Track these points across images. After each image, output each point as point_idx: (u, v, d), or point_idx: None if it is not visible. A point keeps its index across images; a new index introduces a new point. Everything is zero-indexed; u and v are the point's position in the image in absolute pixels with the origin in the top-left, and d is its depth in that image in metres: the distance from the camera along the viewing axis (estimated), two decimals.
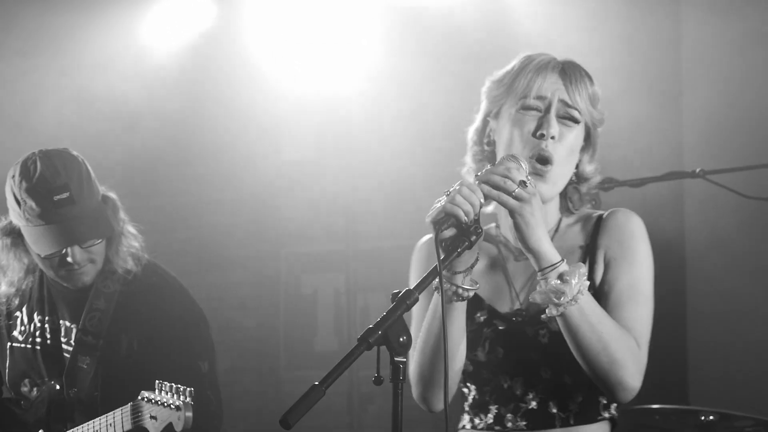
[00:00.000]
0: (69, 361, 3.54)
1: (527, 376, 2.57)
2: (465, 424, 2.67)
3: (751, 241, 5.41)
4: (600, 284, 2.58)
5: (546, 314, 2.45)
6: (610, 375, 2.46)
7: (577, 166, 2.65)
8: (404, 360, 2.17)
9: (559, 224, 2.68)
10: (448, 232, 2.34)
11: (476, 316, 2.58)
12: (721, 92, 5.51)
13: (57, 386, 3.54)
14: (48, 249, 3.43)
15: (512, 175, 2.38)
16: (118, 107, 6.35)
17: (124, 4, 6.36)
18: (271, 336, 6.79)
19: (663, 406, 4.38)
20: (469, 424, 2.66)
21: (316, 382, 2.10)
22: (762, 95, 5.43)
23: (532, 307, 2.56)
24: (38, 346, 3.63)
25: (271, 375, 6.75)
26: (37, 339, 3.64)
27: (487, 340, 2.58)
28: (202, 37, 6.47)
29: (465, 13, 5.89)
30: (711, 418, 4.20)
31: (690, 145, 5.61)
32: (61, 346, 3.60)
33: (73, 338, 3.57)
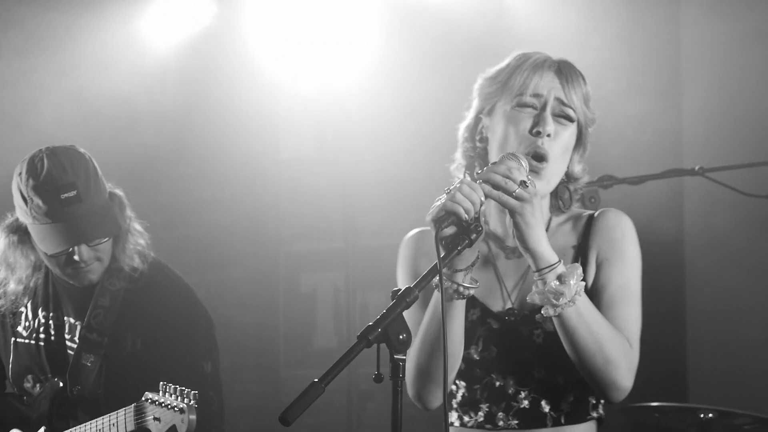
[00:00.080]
0: (73, 359, 3.54)
1: (520, 375, 2.57)
2: (453, 421, 2.67)
3: (750, 239, 5.42)
4: (592, 284, 2.59)
5: (542, 314, 2.45)
6: (604, 375, 2.47)
7: (567, 165, 2.64)
8: (404, 358, 2.17)
9: (549, 223, 2.68)
10: (449, 230, 2.34)
11: (468, 314, 2.58)
12: (721, 90, 5.51)
13: (60, 383, 3.54)
14: (55, 248, 3.42)
15: (513, 175, 2.38)
16: (117, 106, 6.34)
17: (123, 3, 6.36)
18: (271, 334, 6.79)
19: (662, 404, 4.38)
20: (457, 422, 2.65)
21: (316, 379, 2.10)
22: (761, 93, 5.43)
23: (525, 307, 2.57)
24: (42, 342, 3.63)
25: (271, 373, 6.74)
26: (41, 335, 3.63)
27: (481, 339, 2.59)
28: (202, 36, 6.46)
29: (463, 12, 5.89)
30: (710, 415, 4.21)
31: (689, 143, 5.61)
32: (65, 342, 3.60)
33: (77, 335, 3.56)
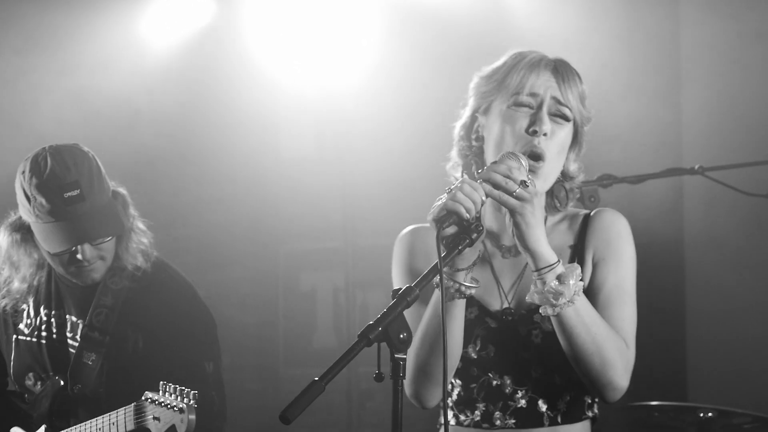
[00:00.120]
0: (74, 357, 3.53)
1: (517, 374, 2.57)
2: (448, 419, 2.66)
3: (749, 238, 5.42)
4: (588, 284, 2.59)
5: (540, 313, 2.45)
6: (601, 375, 2.48)
7: (564, 164, 2.64)
8: (404, 357, 2.17)
9: (545, 222, 2.68)
10: (450, 230, 2.34)
11: (466, 313, 2.57)
12: (720, 89, 5.51)
13: (61, 382, 3.54)
14: (58, 246, 3.42)
15: (514, 175, 2.38)
16: (117, 105, 6.34)
17: (123, 2, 6.36)
18: (270, 333, 6.79)
19: (662, 403, 4.38)
20: (453, 420, 2.65)
21: (316, 378, 2.10)
22: (761, 92, 5.43)
23: (522, 306, 2.58)
24: (44, 340, 3.62)
25: (270, 372, 6.74)
26: (43, 333, 3.63)
27: (479, 338, 2.58)
28: (202, 35, 6.46)
29: (463, 11, 5.89)
30: (710, 414, 4.20)
31: (689, 142, 5.62)
32: (67, 341, 3.59)
33: (78, 334, 3.56)
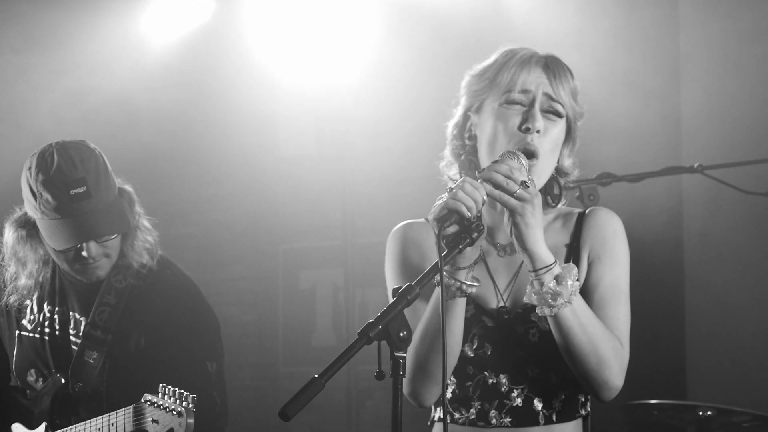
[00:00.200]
0: (76, 355, 3.52)
1: (513, 373, 2.57)
2: (441, 416, 2.65)
3: (749, 236, 5.42)
4: (583, 283, 2.59)
5: (537, 313, 2.45)
6: (597, 375, 2.48)
7: (558, 160, 2.64)
8: (404, 355, 2.17)
9: None
10: (451, 229, 2.34)
11: None
12: (720, 88, 5.51)
13: (62, 380, 3.53)
14: (63, 244, 3.41)
15: (515, 176, 2.38)
16: (117, 104, 6.34)
17: (123, 1, 6.36)
18: (270, 331, 6.80)
19: (661, 402, 4.38)
20: (447, 418, 2.63)
21: (316, 375, 2.10)
22: (760, 91, 5.43)
23: (517, 305, 2.58)
24: (46, 337, 3.61)
25: (270, 370, 6.75)
26: (46, 329, 3.62)
27: (476, 336, 2.58)
28: (201, 34, 6.47)
29: (462, 9, 5.89)
30: (709, 413, 4.21)
31: (688, 141, 5.62)
32: (69, 338, 3.58)
33: (81, 331, 3.55)
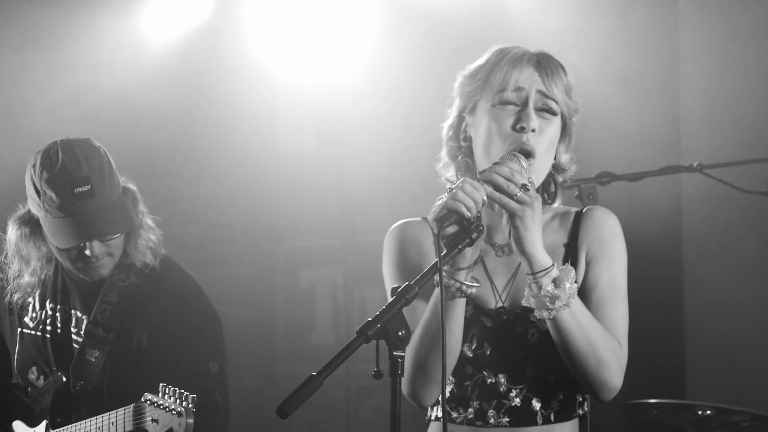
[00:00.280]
0: (77, 354, 3.52)
1: (512, 373, 2.57)
2: (440, 416, 2.64)
3: (748, 235, 5.42)
4: (582, 283, 2.59)
5: (535, 315, 2.45)
6: (596, 376, 2.48)
7: (555, 157, 2.63)
8: (403, 354, 2.17)
9: None
10: (451, 229, 2.34)
11: None
12: (719, 87, 5.51)
13: (63, 378, 3.53)
14: (66, 242, 3.40)
15: (515, 178, 2.37)
16: (116, 102, 6.34)
17: (122, 0, 6.36)
18: (269, 330, 6.80)
19: (660, 401, 4.39)
20: (446, 417, 2.62)
21: (314, 373, 2.10)
22: (759, 89, 5.43)
23: (515, 306, 2.57)
24: (48, 335, 3.61)
25: (269, 369, 6.75)
26: (48, 327, 3.61)
27: (475, 337, 2.58)
28: (200, 32, 6.46)
29: (461, 6, 5.88)
30: (708, 412, 4.21)
31: (687, 140, 5.62)
32: (71, 336, 3.58)
33: (83, 329, 3.55)
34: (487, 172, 2.40)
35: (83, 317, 3.57)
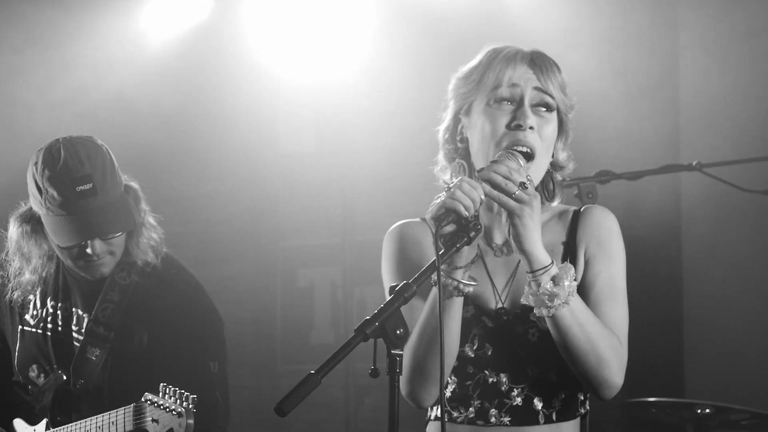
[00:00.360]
0: (78, 352, 3.52)
1: (514, 372, 2.57)
2: (438, 414, 2.64)
3: (747, 234, 5.42)
4: (581, 281, 2.59)
5: (535, 314, 2.45)
6: (597, 374, 2.48)
7: (552, 155, 2.63)
8: (401, 353, 2.17)
9: None
10: (449, 228, 2.34)
11: (463, 312, 2.55)
12: (718, 85, 5.52)
13: (64, 376, 3.53)
14: (68, 241, 3.40)
15: (513, 177, 2.37)
16: (116, 101, 6.34)
17: None
18: (268, 329, 6.80)
19: (659, 399, 4.39)
20: (445, 417, 2.61)
21: (312, 371, 2.10)
22: (758, 88, 5.43)
23: (515, 306, 2.57)
24: (49, 332, 3.60)
25: (268, 368, 6.75)
26: (49, 325, 3.61)
27: (476, 337, 2.58)
28: (200, 31, 6.46)
29: (460, 5, 5.88)
30: (707, 411, 4.22)
31: (687, 138, 5.62)
32: (72, 334, 3.58)
33: (84, 328, 3.55)
34: (485, 170, 2.40)
35: (84, 315, 3.57)
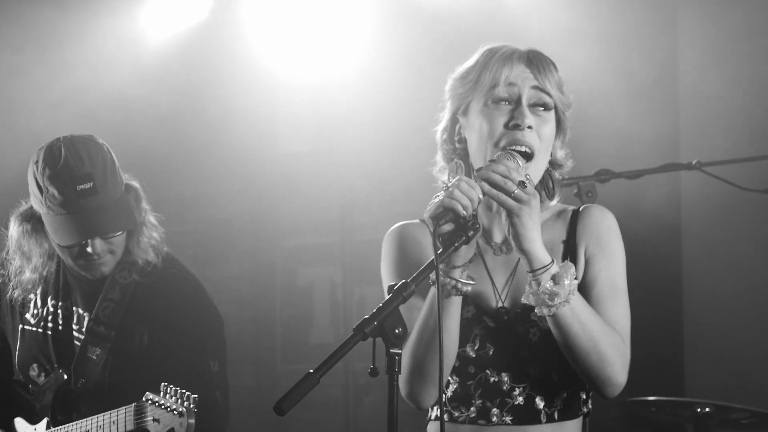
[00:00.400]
0: (78, 351, 3.52)
1: (515, 372, 2.57)
2: (438, 414, 2.63)
3: (746, 233, 5.42)
4: (581, 281, 2.58)
5: (536, 313, 2.45)
6: (599, 373, 2.47)
7: (551, 153, 2.63)
8: (399, 352, 2.17)
9: None
10: (446, 227, 2.34)
11: (463, 312, 2.56)
12: (718, 84, 5.51)
13: (65, 375, 3.53)
14: (68, 239, 3.41)
15: (512, 176, 2.37)
16: (115, 100, 6.34)
17: None
18: (268, 329, 6.79)
19: (659, 398, 4.39)
20: (446, 417, 2.61)
21: (311, 370, 2.10)
22: (758, 87, 5.43)
23: (516, 305, 2.57)
24: (49, 331, 3.61)
25: (268, 368, 6.75)
26: (49, 324, 3.61)
27: (477, 337, 2.58)
28: (199, 30, 6.45)
29: (460, 6, 5.88)
30: (707, 410, 4.21)
31: (686, 137, 5.62)
32: (73, 333, 3.58)
33: (84, 327, 3.55)
34: (483, 170, 2.40)
35: (85, 314, 3.57)
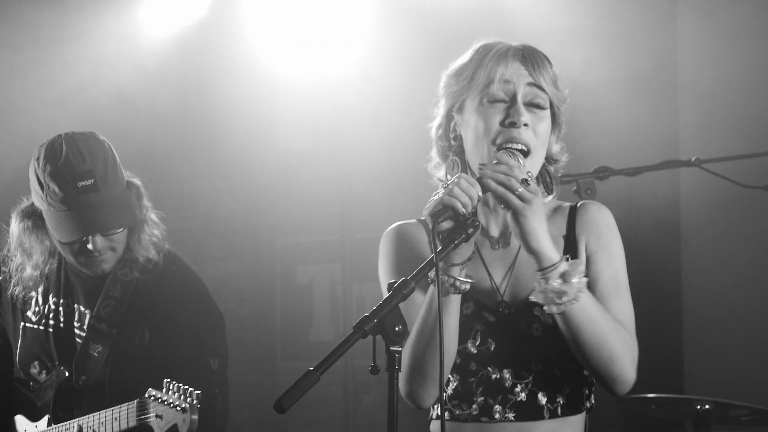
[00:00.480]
0: (80, 348, 3.52)
1: (517, 368, 2.56)
2: (439, 413, 2.60)
3: (746, 230, 5.42)
4: None
5: (543, 310, 2.45)
6: (610, 370, 2.47)
7: (547, 149, 2.63)
8: (399, 349, 2.17)
9: None
10: (446, 225, 2.33)
11: (463, 308, 2.55)
12: (717, 81, 5.51)
13: (66, 372, 3.53)
14: (69, 236, 3.41)
15: (515, 174, 2.37)
16: (114, 98, 6.34)
17: None
18: (267, 327, 6.80)
19: (659, 395, 4.38)
20: (447, 415, 2.61)
21: (311, 368, 2.10)
22: (757, 84, 5.43)
23: (516, 300, 2.57)
24: (51, 329, 3.61)
25: (267, 365, 6.75)
26: (51, 321, 3.61)
27: (478, 333, 2.57)
28: (198, 27, 6.46)
29: (459, 4, 5.88)
30: (707, 407, 4.21)
31: (685, 134, 5.62)
32: (74, 330, 3.58)
33: (86, 324, 3.55)
34: (485, 170, 2.39)
35: (86, 312, 3.57)
